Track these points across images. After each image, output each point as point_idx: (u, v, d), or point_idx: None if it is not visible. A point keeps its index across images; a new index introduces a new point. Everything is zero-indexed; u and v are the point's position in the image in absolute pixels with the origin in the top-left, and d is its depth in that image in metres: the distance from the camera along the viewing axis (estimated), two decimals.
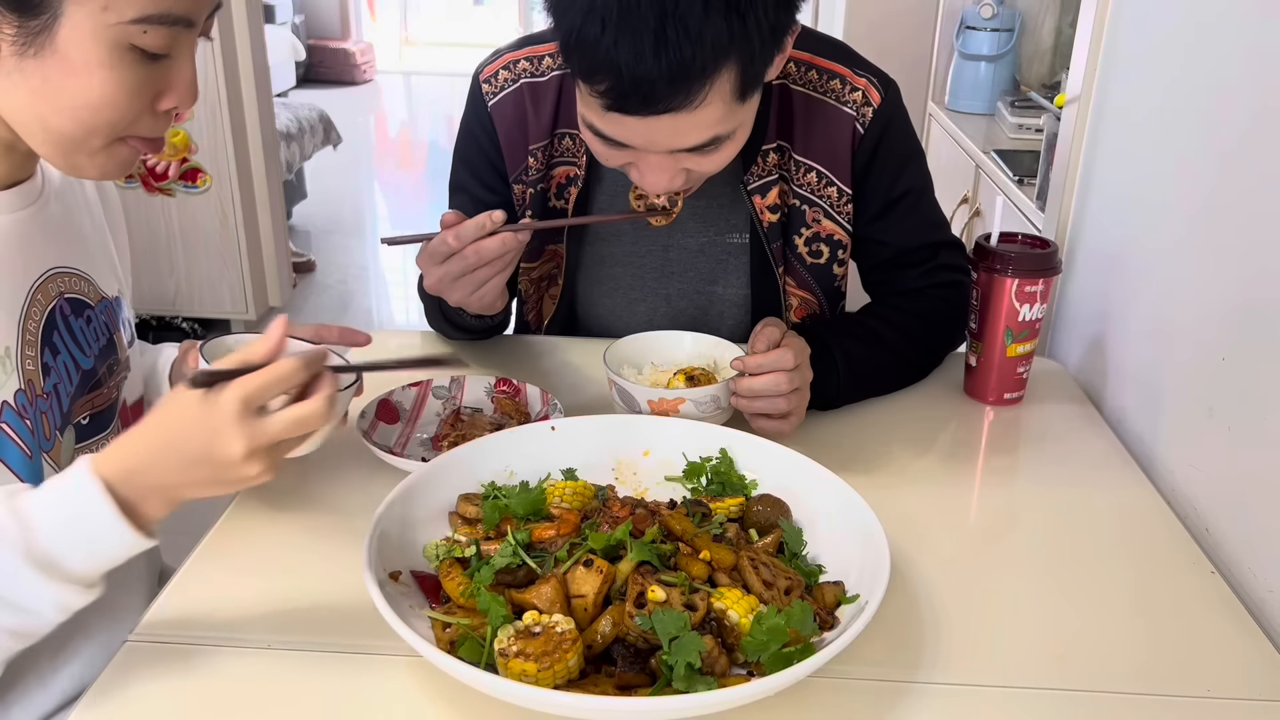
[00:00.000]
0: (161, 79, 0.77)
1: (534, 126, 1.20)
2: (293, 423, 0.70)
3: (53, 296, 0.87)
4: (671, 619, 0.71)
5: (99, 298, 0.94)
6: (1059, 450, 1.12)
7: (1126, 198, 1.25)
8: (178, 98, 0.78)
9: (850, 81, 1.17)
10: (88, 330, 0.91)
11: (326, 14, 7.95)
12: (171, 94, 0.78)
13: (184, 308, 3.38)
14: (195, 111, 3.10)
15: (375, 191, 5.78)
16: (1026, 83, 2.86)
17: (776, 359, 0.98)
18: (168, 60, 0.76)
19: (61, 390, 0.87)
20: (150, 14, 0.72)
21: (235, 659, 0.77)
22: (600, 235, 1.25)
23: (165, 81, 0.77)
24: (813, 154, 1.18)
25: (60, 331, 0.88)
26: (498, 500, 0.86)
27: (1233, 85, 1.01)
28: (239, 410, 0.68)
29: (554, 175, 1.22)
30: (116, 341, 0.96)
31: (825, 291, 1.25)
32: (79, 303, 0.91)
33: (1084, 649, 0.81)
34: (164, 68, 0.76)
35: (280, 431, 0.70)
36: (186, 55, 0.78)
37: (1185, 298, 1.07)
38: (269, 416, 0.70)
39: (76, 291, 0.91)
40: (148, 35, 0.73)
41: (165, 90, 0.78)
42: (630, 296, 1.28)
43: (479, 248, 1.00)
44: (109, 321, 0.95)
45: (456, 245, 0.99)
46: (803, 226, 1.21)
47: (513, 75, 1.21)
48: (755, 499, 0.90)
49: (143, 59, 0.74)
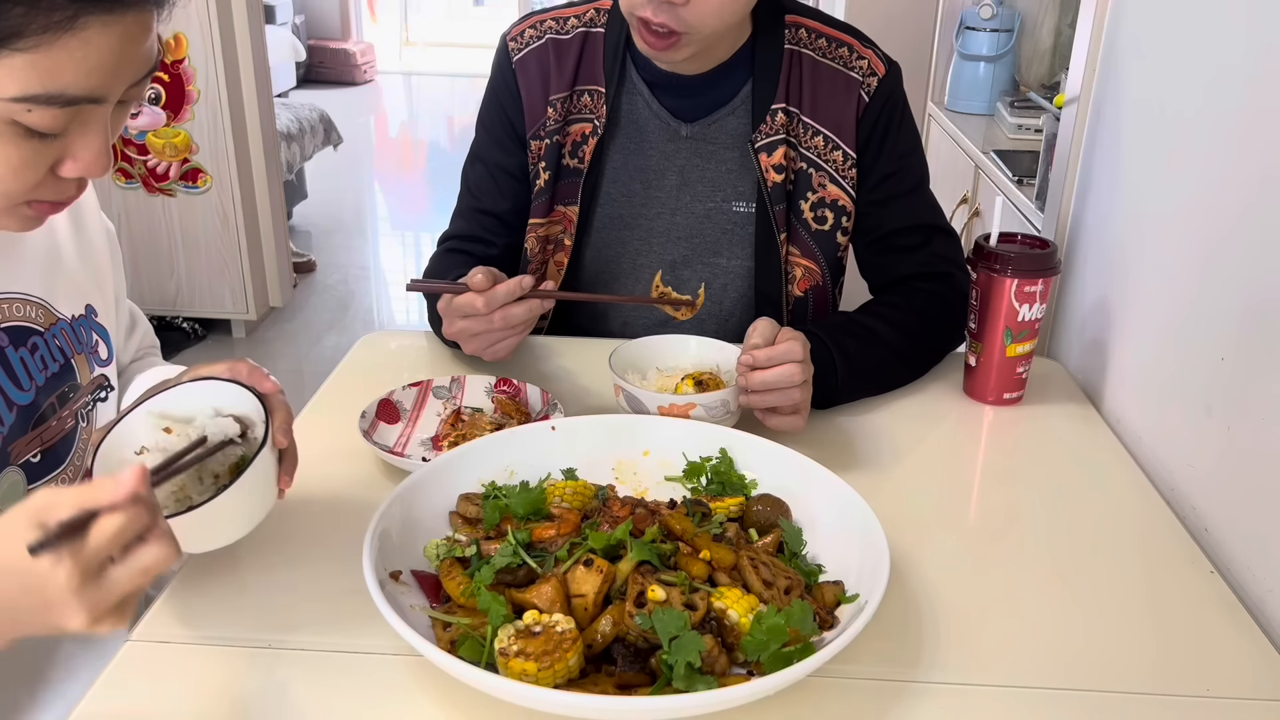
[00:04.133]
0: (57, 150, 0.70)
1: (555, 79, 1.24)
2: (137, 574, 0.61)
3: None
4: (671, 618, 0.71)
5: (52, 321, 0.88)
6: (1059, 450, 1.12)
7: (1126, 198, 1.25)
8: (82, 168, 0.71)
9: (858, 50, 1.23)
10: (31, 360, 0.86)
11: (327, 14, 7.95)
12: (73, 164, 0.71)
13: (184, 308, 3.39)
14: (196, 112, 3.11)
15: (375, 192, 5.78)
16: (1026, 83, 2.86)
17: (786, 351, 0.99)
18: (63, 134, 0.69)
19: None
20: (35, 94, 0.65)
21: (235, 659, 0.77)
22: (611, 197, 1.27)
23: (63, 151, 0.71)
24: (820, 117, 1.22)
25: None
26: (498, 500, 0.87)
27: (1232, 85, 1.01)
28: (77, 584, 0.59)
29: (570, 132, 1.25)
30: (75, 365, 0.90)
31: (828, 261, 1.26)
32: (22, 331, 0.85)
33: (1083, 649, 0.81)
34: (57, 141, 0.69)
35: (123, 590, 0.61)
36: (94, 128, 0.70)
37: (1185, 298, 1.07)
38: (108, 576, 0.61)
39: (20, 319, 0.85)
40: (32, 114, 0.66)
41: (63, 159, 0.71)
42: (636, 262, 1.29)
43: (507, 315, 1.04)
44: (65, 345, 0.89)
45: (485, 310, 1.03)
46: (809, 191, 1.23)
47: (538, 33, 1.26)
48: (755, 499, 0.91)
49: (29, 135, 0.67)
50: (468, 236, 1.30)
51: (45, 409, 0.87)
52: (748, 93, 1.23)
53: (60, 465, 0.89)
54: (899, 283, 1.27)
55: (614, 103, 1.23)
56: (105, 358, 0.95)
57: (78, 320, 0.92)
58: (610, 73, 1.23)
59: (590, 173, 1.25)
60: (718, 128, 1.24)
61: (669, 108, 1.24)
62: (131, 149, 3.16)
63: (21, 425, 0.85)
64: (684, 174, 1.25)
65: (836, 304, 1.32)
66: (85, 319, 0.93)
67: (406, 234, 5.02)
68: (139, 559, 0.61)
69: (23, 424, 0.85)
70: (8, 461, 0.84)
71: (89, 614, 0.60)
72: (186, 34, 3.03)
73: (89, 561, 0.59)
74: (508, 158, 1.28)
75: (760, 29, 1.21)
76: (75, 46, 0.65)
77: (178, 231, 3.27)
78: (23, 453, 0.85)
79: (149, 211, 3.24)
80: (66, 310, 0.91)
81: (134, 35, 0.68)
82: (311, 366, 3.38)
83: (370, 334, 1.38)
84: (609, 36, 1.23)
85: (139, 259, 3.29)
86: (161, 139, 3.14)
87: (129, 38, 0.68)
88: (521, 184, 1.28)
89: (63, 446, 0.89)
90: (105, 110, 0.70)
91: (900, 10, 3.01)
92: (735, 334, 1.20)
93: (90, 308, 0.94)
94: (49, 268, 0.90)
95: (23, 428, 0.85)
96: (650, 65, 1.22)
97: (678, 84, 1.23)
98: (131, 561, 0.61)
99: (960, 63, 2.87)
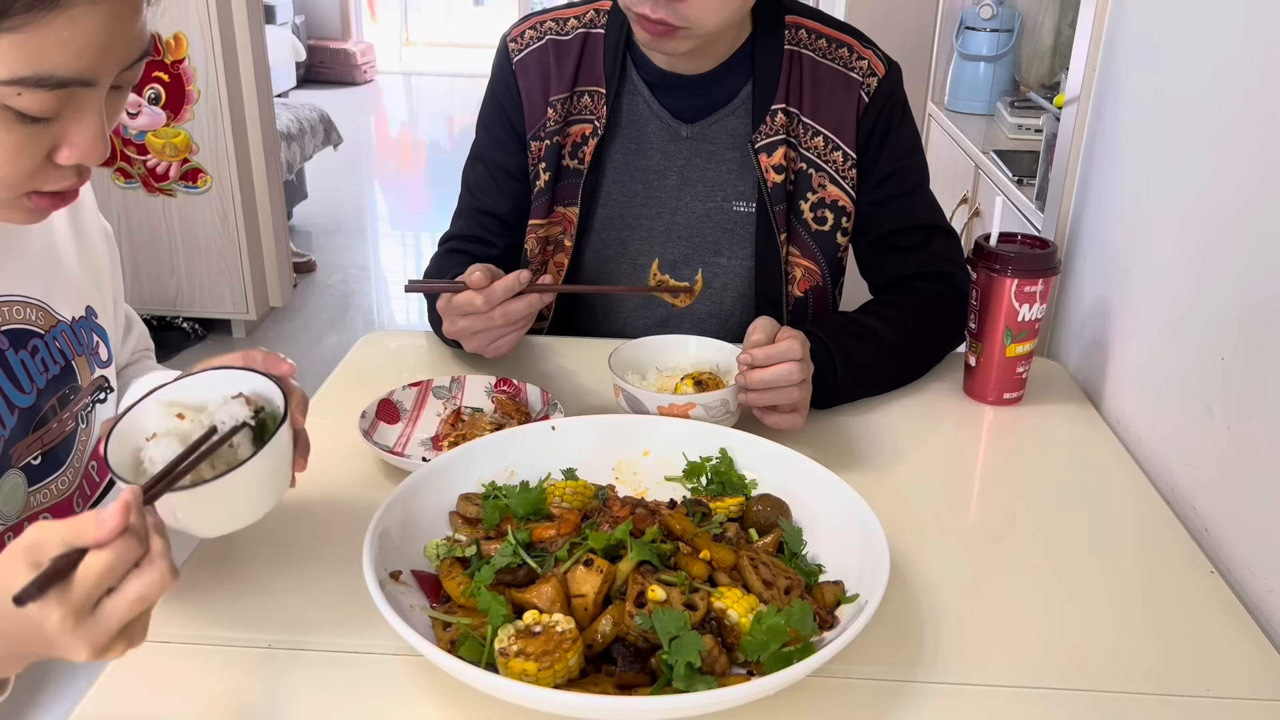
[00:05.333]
0: (52, 136, 0.69)
1: (555, 80, 1.24)
2: (134, 603, 0.60)
3: None
4: (671, 618, 0.71)
5: (52, 323, 0.88)
6: (1059, 450, 1.12)
7: (1126, 198, 1.25)
8: (79, 155, 0.70)
9: (858, 50, 1.23)
10: (32, 363, 0.85)
11: (327, 14, 7.95)
12: (69, 151, 0.70)
13: (185, 308, 3.39)
14: (196, 112, 3.11)
15: (375, 192, 5.78)
16: (1026, 83, 2.86)
17: (785, 349, 0.99)
18: (56, 119, 0.68)
19: None
20: (23, 76, 0.64)
21: (235, 659, 0.77)
22: (611, 197, 1.27)
23: (58, 137, 0.69)
24: (820, 118, 1.22)
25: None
26: (498, 500, 0.87)
27: (1232, 85, 1.01)
28: (71, 625, 0.58)
29: (570, 132, 1.25)
30: (76, 367, 0.90)
31: (828, 261, 1.26)
32: (22, 334, 0.85)
33: (1083, 649, 0.81)
34: (51, 126, 0.68)
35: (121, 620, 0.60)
36: (89, 111, 0.69)
37: (1185, 297, 1.07)
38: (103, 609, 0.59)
39: (20, 321, 0.85)
40: (22, 98, 0.65)
41: (59, 145, 0.70)
42: (637, 263, 1.29)
43: (507, 310, 1.04)
44: (65, 347, 0.89)
45: (485, 307, 1.03)
46: (809, 191, 1.23)
47: (539, 34, 1.26)
48: (755, 499, 0.90)
49: (21, 121, 0.66)
50: (468, 237, 1.30)
51: (46, 411, 0.87)
52: (748, 93, 1.23)
53: (60, 467, 0.89)
54: (899, 283, 1.27)
55: (614, 103, 1.23)
56: (105, 359, 0.95)
57: (78, 322, 0.92)
58: (610, 73, 1.23)
59: (590, 173, 1.25)
60: (718, 128, 1.24)
61: (669, 108, 1.24)
62: (131, 149, 3.16)
63: (22, 428, 0.85)
64: (684, 174, 1.25)
65: (836, 304, 1.32)
66: (85, 320, 0.93)
67: (406, 234, 5.02)
68: (132, 588, 0.59)
69: (24, 427, 0.85)
70: (9, 464, 0.84)
71: (90, 648, 0.59)
72: (186, 34, 3.03)
73: (78, 603, 0.58)
74: (508, 158, 1.28)
75: (760, 29, 1.21)
76: (62, 26, 0.64)
77: (178, 231, 3.27)
78: (23, 455, 0.85)
79: (149, 211, 3.24)
80: (67, 312, 0.90)
81: (123, 15, 0.68)
82: (311, 366, 3.38)
83: (370, 334, 1.38)
84: (609, 37, 1.23)
85: (139, 259, 3.29)
86: (161, 139, 3.14)
87: (117, 17, 0.67)
88: (521, 185, 1.28)
89: (63, 449, 0.89)
90: (98, 94, 0.69)
91: (900, 10, 3.01)
92: (735, 334, 1.20)
93: (90, 309, 0.94)
94: (49, 270, 0.90)
95: (23, 430, 0.85)
96: (650, 65, 1.23)
97: (678, 84, 1.23)
98: (126, 591, 0.59)
99: (960, 63, 2.87)
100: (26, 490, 0.85)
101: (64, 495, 0.89)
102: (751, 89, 1.22)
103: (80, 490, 0.92)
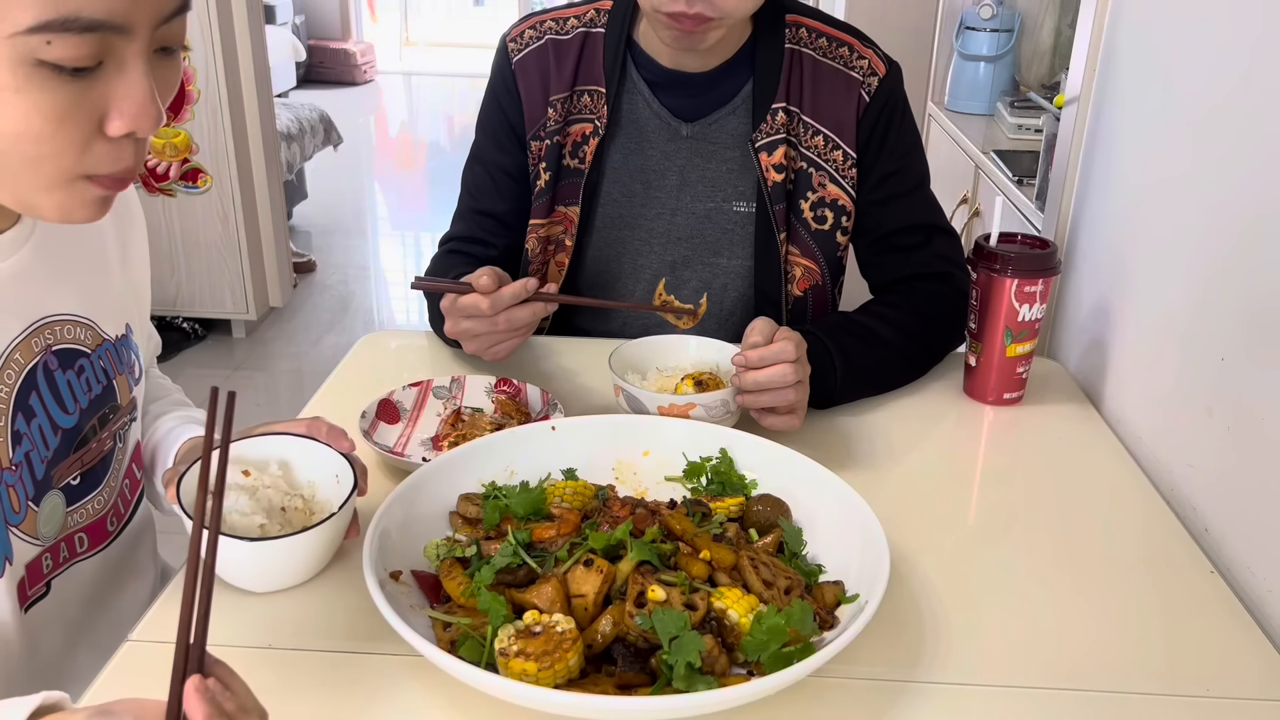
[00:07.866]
0: (97, 100, 0.64)
1: (555, 80, 1.24)
2: None
3: (36, 352, 0.80)
4: (671, 619, 0.71)
5: (99, 341, 0.87)
6: (1058, 450, 1.12)
7: (1125, 198, 1.25)
8: (130, 121, 0.65)
9: (858, 50, 1.23)
10: (77, 383, 0.84)
11: (327, 14, 7.95)
12: (119, 117, 0.65)
13: (185, 308, 3.39)
14: (196, 112, 3.11)
15: (375, 191, 5.78)
16: (1026, 83, 2.86)
17: (779, 351, 0.99)
18: (97, 76, 0.63)
19: (35, 457, 0.80)
20: (49, 19, 0.59)
21: (235, 659, 0.77)
22: (611, 197, 1.27)
23: (104, 102, 0.64)
24: (820, 117, 1.22)
25: (40, 391, 0.80)
26: (498, 500, 0.87)
27: (1232, 85, 1.01)
28: None
29: (570, 132, 1.25)
30: (117, 386, 0.89)
31: (828, 260, 1.26)
32: (71, 354, 0.84)
33: (1083, 648, 0.81)
34: (94, 86, 0.63)
35: None
36: (131, 69, 0.64)
37: (1185, 298, 1.07)
38: None
39: (70, 341, 0.84)
40: (53, 47, 0.60)
41: (107, 112, 0.65)
42: (637, 263, 1.29)
43: (511, 316, 1.04)
44: (109, 366, 0.88)
45: (490, 312, 1.03)
46: (809, 190, 1.23)
47: (538, 34, 1.26)
48: (755, 499, 0.91)
49: (59, 76, 0.62)
50: (468, 238, 1.30)
51: (87, 431, 0.85)
52: (748, 92, 1.23)
53: (97, 487, 0.88)
54: (899, 282, 1.27)
55: (614, 103, 1.23)
56: (138, 376, 0.93)
57: (120, 340, 0.90)
58: (610, 73, 1.23)
59: (591, 173, 1.25)
60: (718, 127, 1.24)
61: (669, 107, 1.24)
62: None
63: (64, 448, 0.83)
64: (684, 174, 1.25)
65: (836, 304, 1.32)
66: (125, 338, 0.91)
67: (406, 234, 5.02)
68: None
69: (65, 447, 0.83)
70: (50, 485, 0.82)
71: None
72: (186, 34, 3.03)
73: None
74: (507, 159, 1.28)
75: (761, 28, 1.21)
76: None
77: (178, 231, 3.27)
78: (64, 476, 0.84)
79: (149, 212, 3.24)
80: (111, 330, 0.89)
81: None
82: (311, 366, 3.38)
83: (370, 334, 1.38)
84: (609, 37, 1.23)
85: None
86: (161, 139, 3.14)
87: None
88: (521, 185, 1.28)
89: (101, 468, 0.88)
90: (137, 49, 0.64)
91: (900, 10, 3.01)
92: (735, 334, 1.20)
93: (129, 326, 0.92)
94: (98, 287, 0.88)
95: (65, 451, 0.83)
96: (651, 64, 1.23)
97: (678, 83, 1.23)
98: None
99: (960, 63, 2.87)
100: (65, 510, 0.85)
101: (99, 515, 0.88)
102: (752, 88, 1.22)
103: (114, 509, 0.91)
